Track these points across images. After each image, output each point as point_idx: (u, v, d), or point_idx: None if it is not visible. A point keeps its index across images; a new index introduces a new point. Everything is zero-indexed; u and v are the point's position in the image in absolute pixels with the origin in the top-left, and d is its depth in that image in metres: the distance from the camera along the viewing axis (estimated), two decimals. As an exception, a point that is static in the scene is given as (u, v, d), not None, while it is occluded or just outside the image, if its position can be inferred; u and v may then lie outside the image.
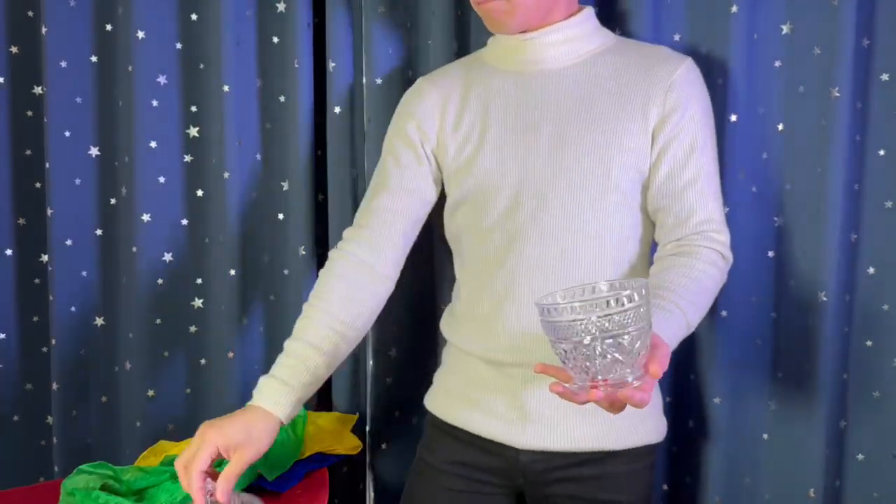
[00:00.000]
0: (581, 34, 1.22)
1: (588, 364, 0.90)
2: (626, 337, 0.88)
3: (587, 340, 0.88)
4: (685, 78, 1.19)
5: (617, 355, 0.89)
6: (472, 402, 1.25)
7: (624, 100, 1.18)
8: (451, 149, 1.26)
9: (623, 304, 0.88)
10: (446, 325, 1.33)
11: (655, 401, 1.25)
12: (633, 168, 1.18)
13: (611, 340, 0.88)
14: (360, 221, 1.29)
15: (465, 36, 1.48)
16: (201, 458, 1.06)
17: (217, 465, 1.13)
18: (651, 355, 0.93)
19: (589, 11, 1.25)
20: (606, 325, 0.88)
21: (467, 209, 1.25)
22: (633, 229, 1.20)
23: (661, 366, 0.92)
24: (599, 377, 0.90)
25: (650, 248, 1.25)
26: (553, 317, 0.90)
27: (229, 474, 1.07)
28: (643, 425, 1.22)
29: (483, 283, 1.23)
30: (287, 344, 1.20)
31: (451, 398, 1.29)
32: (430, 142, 1.28)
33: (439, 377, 1.36)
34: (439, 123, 1.27)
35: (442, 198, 1.32)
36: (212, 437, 1.08)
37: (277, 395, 1.15)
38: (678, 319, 1.04)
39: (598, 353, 0.89)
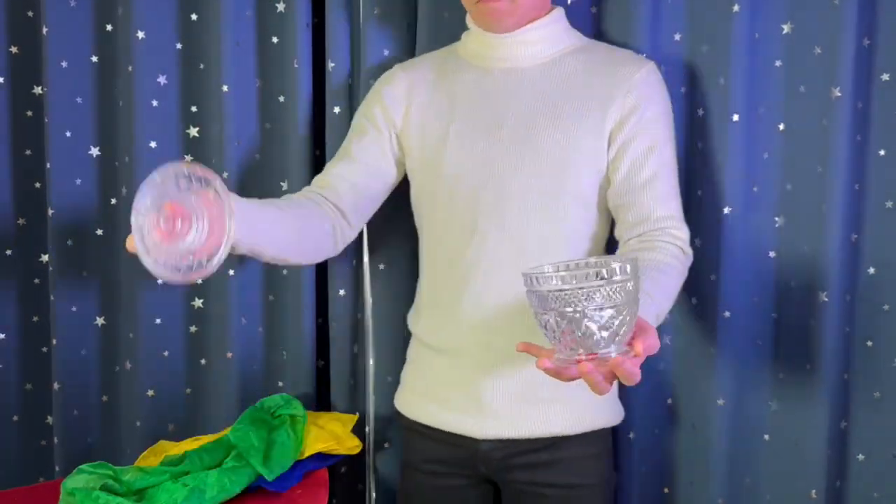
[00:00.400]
0: (551, 34, 1.26)
1: (576, 336, 0.89)
2: (611, 311, 0.88)
3: (570, 311, 0.87)
4: (645, 80, 1.23)
5: (603, 329, 0.88)
6: (432, 396, 1.30)
7: (585, 101, 1.22)
8: (415, 138, 1.30)
9: (610, 277, 0.87)
10: (411, 318, 1.38)
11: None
12: (590, 168, 1.22)
13: (597, 313, 0.87)
14: (315, 182, 1.33)
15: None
16: None
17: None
18: (637, 335, 0.93)
19: (560, 12, 1.28)
20: (593, 297, 0.87)
21: (428, 200, 1.30)
22: (588, 226, 1.24)
23: (646, 345, 0.92)
24: (582, 351, 0.90)
25: (605, 244, 1.29)
26: (538, 286, 0.90)
27: None
28: (598, 410, 1.26)
29: (442, 274, 1.28)
30: None
31: (415, 395, 1.34)
32: (396, 126, 1.32)
33: (404, 376, 1.40)
34: (405, 110, 1.31)
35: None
36: None
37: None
38: (650, 309, 1.05)
39: (583, 325, 0.88)
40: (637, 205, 1.21)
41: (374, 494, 1.58)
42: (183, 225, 0.91)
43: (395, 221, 1.44)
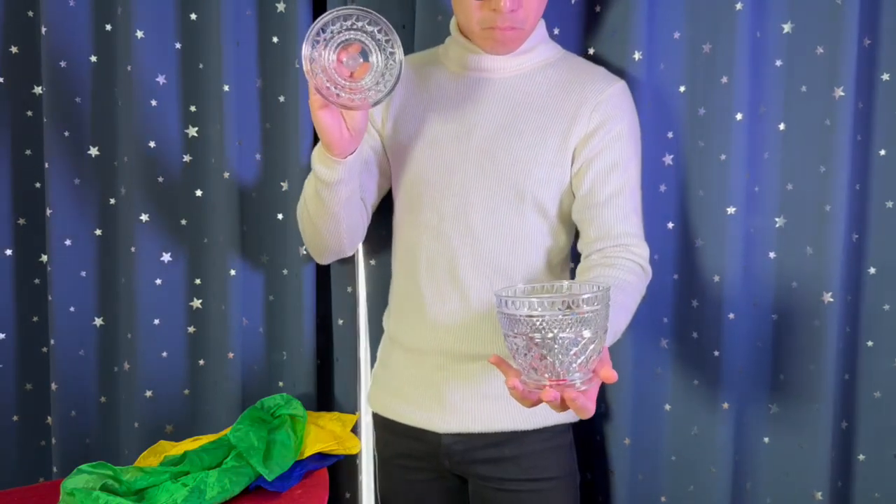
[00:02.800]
0: (530, 47, 1.29)
1: (546, 362, 0.90)
2: (581, 340, 0.89)
3: (539, 337, 0.88)
4: (613, 98, 1.25)
5: (571, 358, 0.89)
6: (397, 392, 1.34)
7: (552, 115, 1.25)
8: (391, 137, 1.33)
9: (581, 307, 0.88)
10: (384, 317, 1.42)
11: None
12: (551, 180, 1.24)
13: (567, 342, 0.88)
14: None
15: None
16: None
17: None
18: (601, 361, 0.95)
19: (541, 24, 1.30)
20: (564, 326, 0.88)
21: (399, 201, 1.33)
22: (549, 236, 1.27)
23: (607, 375, 0.93)
24: (548, 375, 0.90)
25: (567, 255, 1.31)
26: (509, 309, 0.91)
27: None
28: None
29: (409, 274, 1.31)
30: None
31: (383, 392, 1.38)
32: (377, 125, 1.35)
33: (374, 373, 1.44)
34: (384, 110, 1.34)
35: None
36: None
37: None
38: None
39: (552, 352, 0.88)
40: (599, 220, 1.23)
41: (373, 492, 1.58)
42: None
43: (385, 217, 1.43)
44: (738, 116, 1.32)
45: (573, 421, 1.33)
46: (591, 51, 1.43)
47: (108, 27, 1.52)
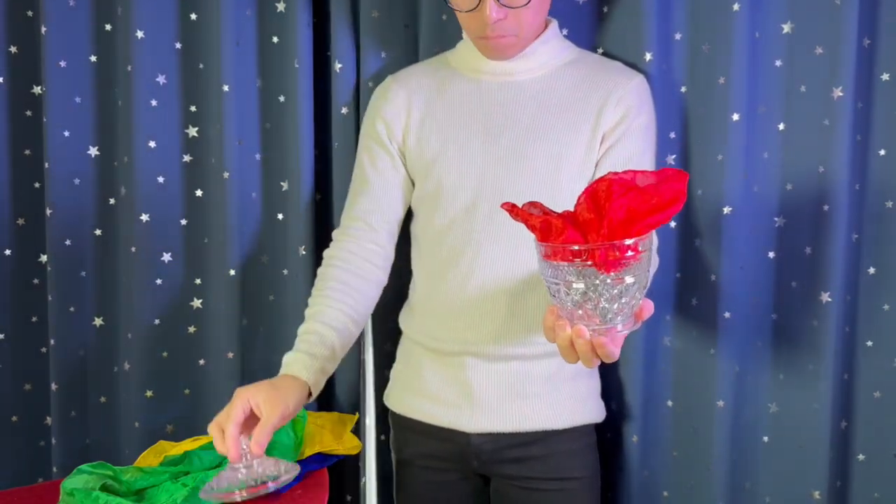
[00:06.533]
0: (548, 49, 1.29)
1: (582, 309, 0.89)
2: (628, 282, 0.87)
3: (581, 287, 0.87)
4: (634, 91, 1.27)
5: (612, 300, 0.88)
6: (423, 392, 1.34)
7: (578, 113, 1.26)
8: (414, 149, 1.32)
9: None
10: (403, 319, 1.41)
11: (594, 384, 1.37)
12: (581, 178, 1.26)
13: (606, 287, 0.87)
14: (345, 224, 1.36)
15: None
16: (234, 412, 1.09)
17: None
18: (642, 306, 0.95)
19: (554, 26, 1.32)
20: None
21: (426, 208, 1.32)
22: None
23: (647, 307, 0.94)
24: (598, 321, 0.90)
25: None
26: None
27: (262, 425, 1.09)
28: (583, 406, 1.32)
29: (437, 278, 1.31)
30: (302, 327, 1.25)
31: (405, 391, 1.38)
32: (398, 140, 1.34)
33: (394, 373, 1.43)
34: (404, 123, 1.34)
35: None
36: (242, 393, 1.12)
37: (302, 362, 1.20)
38: None
39: (592, 297, 0.88)
40: None
41: (374, 489, 1.58)
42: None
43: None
44: (735, 117, 1.31)
45: (598, 421, 1.35)
46: (600, 51, 1.43)
47: (108, 27, 1.52)
